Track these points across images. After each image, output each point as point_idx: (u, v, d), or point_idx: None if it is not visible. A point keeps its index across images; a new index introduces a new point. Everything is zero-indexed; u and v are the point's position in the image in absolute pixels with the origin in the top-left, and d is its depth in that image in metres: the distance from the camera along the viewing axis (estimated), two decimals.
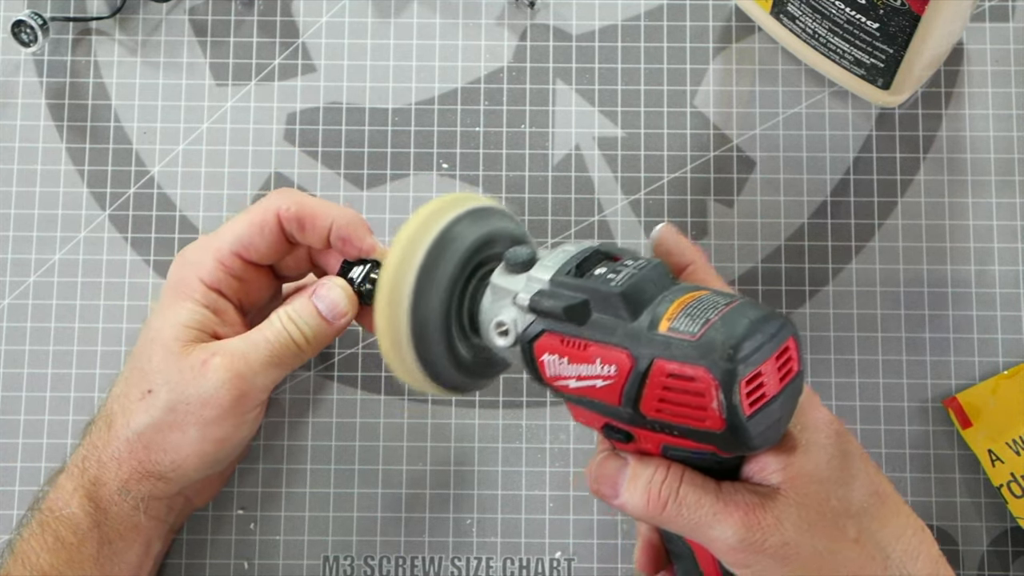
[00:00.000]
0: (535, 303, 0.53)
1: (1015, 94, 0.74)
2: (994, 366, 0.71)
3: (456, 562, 0.70)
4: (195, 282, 0.62)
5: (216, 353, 0.60)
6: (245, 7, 0.76)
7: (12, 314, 0.73)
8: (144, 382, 0.61)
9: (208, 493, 0.69)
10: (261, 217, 0.62)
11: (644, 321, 0.51)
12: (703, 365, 0.48)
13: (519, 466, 0.71)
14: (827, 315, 0.72)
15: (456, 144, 0.74)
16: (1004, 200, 0.73)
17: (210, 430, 0.60)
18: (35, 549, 0.61)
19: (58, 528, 0.61)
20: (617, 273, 0.52)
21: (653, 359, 0.50)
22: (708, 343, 0.48)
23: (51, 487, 0.62)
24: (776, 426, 0.51)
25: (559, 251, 0.55)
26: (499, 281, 0.56)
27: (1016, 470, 0.68)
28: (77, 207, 0.74)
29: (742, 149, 0.74)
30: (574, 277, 0.53)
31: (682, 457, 0.52)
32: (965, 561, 0.70)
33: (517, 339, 0.54)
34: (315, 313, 0.61)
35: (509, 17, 0.76)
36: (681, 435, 0.51)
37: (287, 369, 0.62)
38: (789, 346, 0.50)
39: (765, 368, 0.49)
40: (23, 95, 0.75)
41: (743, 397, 0.48)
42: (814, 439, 0.53)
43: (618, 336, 0.51)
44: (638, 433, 0.52)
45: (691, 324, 0.49)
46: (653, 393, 0.50)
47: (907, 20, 0.64)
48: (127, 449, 0.61)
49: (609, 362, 0.51)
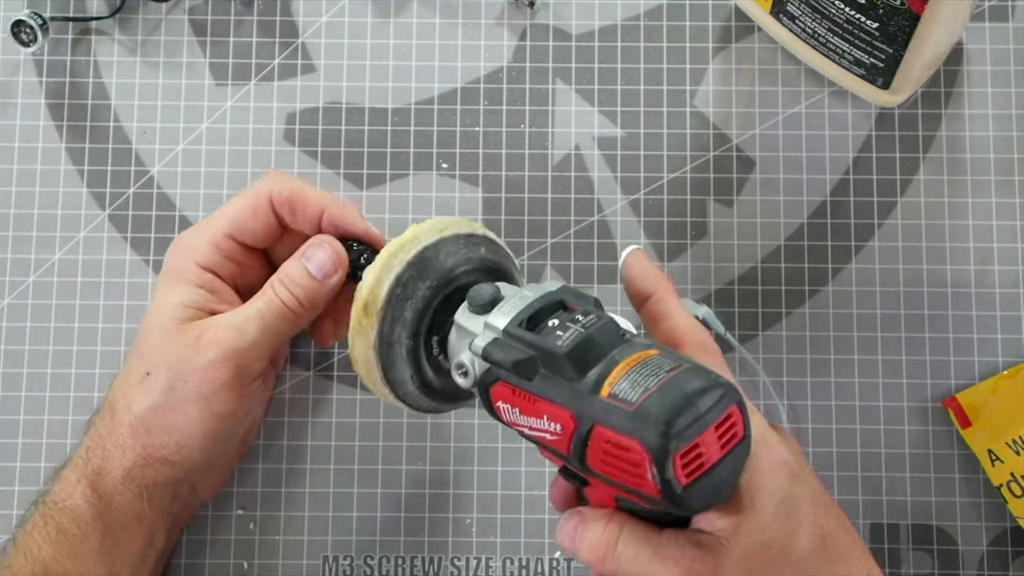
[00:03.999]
0: (487, 353, 0.54)
1: (1015, 94, 0.74)
2: (994, 366, 0.71)
3: (456, 562, 0.70)
4: (190, 265, 0.62)
5: (209, 328, 0.60)
6: (245, 7, 0.76)
7: (12, 314, 0.73)
8: (143, 366, 0.61)
9: (213, 485, 0.69)
10: (254, 200, 0.63)
11: (589, 381, 0.51)
12: (637, 438, 0.48)
13: (519, 466, 0.71)
14: (827, 315, 0.72)
15: (456, 144, 0.74)
16: (1004, 200, 0.73)
17: (211, 406, 0.60)
18: (37, 541, 0.61)
19: (61, 519, 0.61)
20: (566, 330, 0.52)
21: (593, 424, 0.50)
22: (643, 415, 0.48)
23: (54, 481, 0.62)
24: (719, 489, 0.51)
25: (519, 296, 0.55)
26: (462, 320, 0.56)
27: (1016, 470, 0.68)
28: (77, 207, 0.74)
29: (742, 149, 0.74)
30: (526, 330, 0.53)
31: (632, 508, 0.53)
32: (965, 561, 0.70)
33: (476, 382, 0.55)
34: (305, 274, 0.61)
35: (509, 17, 0.76)
36: (627, 491, 0.51)
37: (283, 336, 0.62)
38: (732, 413, 0.50)
39: (703, 439, 0.49)
40: (23, 95, 0.75)
41: (678, 470, 0.48)
42: (762, 484, 0.53)
43: (563, 396, 0.51)
44: (591, 480, 0.53)
45: (630, 391, 0.49)
46: (596, 455, 0.50)
47: (907, 20, 0.64)
48: (130, 434, 0.61)
49: (555, 420, 0.51)
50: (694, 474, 0.49)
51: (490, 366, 0.54)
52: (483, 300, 0.55)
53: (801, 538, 0.52)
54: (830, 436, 0.71)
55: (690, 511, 0.51)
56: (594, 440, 0.50)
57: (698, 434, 0.48)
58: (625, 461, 0.49)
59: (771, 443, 0.54)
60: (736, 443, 0.50)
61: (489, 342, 0.54)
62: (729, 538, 0.51)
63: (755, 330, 0.72)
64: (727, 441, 0.50)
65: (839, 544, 0.54)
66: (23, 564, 0.60)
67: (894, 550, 0.70)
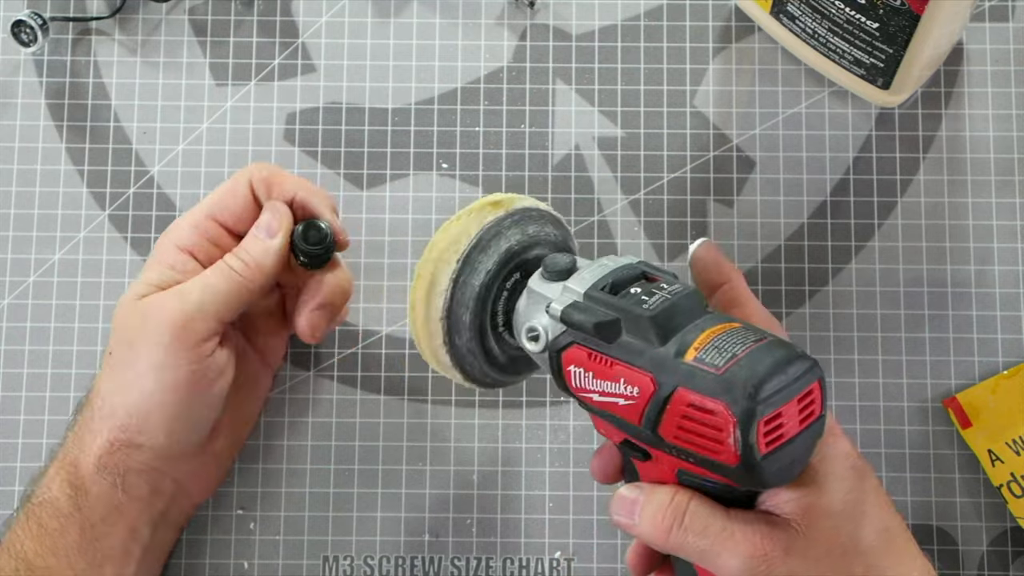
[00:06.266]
0: (567, 315, 0.53)
1: (1015, 94, 0.74)
2: (994, 366, 0.71)
3: (456, 562, 0.70)
4: (169, 247, 0.64)
5: (156, 296, 0.62)
6: (245, 7, 0.76)
7: (12, 314, 0.73)
8: (108, 347, 0.62)
9: (204, 484, 0.68)
10: (234, 182, 0.66)
11: (672, 348, 0.51)
12: (723, 400, 0.48)
13: (519, 466, 0.71)
14: (827, 315, 0.72)
15: (456, 144, 0.74)
16: (1004, 200, 0.73)
17: (163, 376, 0.61)
18: (20, 538, 0.61)
19: (41, 515, 0.61)
20: (651, 296, 0.52)
21: (676, 387, 0.50)
22: (731, 379, 0.48)
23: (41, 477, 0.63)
24: (792, 466, 0.51)
25: (598, 264, 0.55)
26: (536, 287, 0.56)
27: (1016, 470, 0.68)
28: (77, 207, 0.74)
29: (742, 149, 0.74)
30: (608, 294, 0.53)
31: (696, 484, 0.52)
32: (965, 561, 0.69)
33: (547, 346, 0.55)
34: (252, 237, 0.64)
35: (509, 17, 0.76)
36: (696, 463, 0.51)
37: (228, 297, 0.62)
38: (813, 389, 0.50)
39: (786, 409, 0.49)
40: (23, 95, 0.75)
41: (760, 436, 0.48)
42: (831, 471, 0.52)
43: (644, 359, 0.51)
44: (655, 453, 0.53)
45: (717, 357, 0.49)
46: (672, 420, 0.50)
47: (907, 20, 0.64)
48: (99, 418, 0.62)
49: (633, 383, 0.51)
50: (773, 444, 0.49)
51: (565, 329, 0.54)
52: (560, 267, 0.55)
53: (867, 529, 0.52)
54: None
55: (763, 483, 0.50)
56: (673, 404, 0.50)
57: (784, 403, 0.49)
58: (707, 425, 0.49)
59: (837, 434, 0.54)
60: (813, 420, 0.50)
61: (569, 304, 0.54)
62: (800, 520, 0.51)
63: None
64: (807, 416, 0.50)
65: (901, 540, 0.54)
66: (7, 561, 0.61)
67: None
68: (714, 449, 0.49)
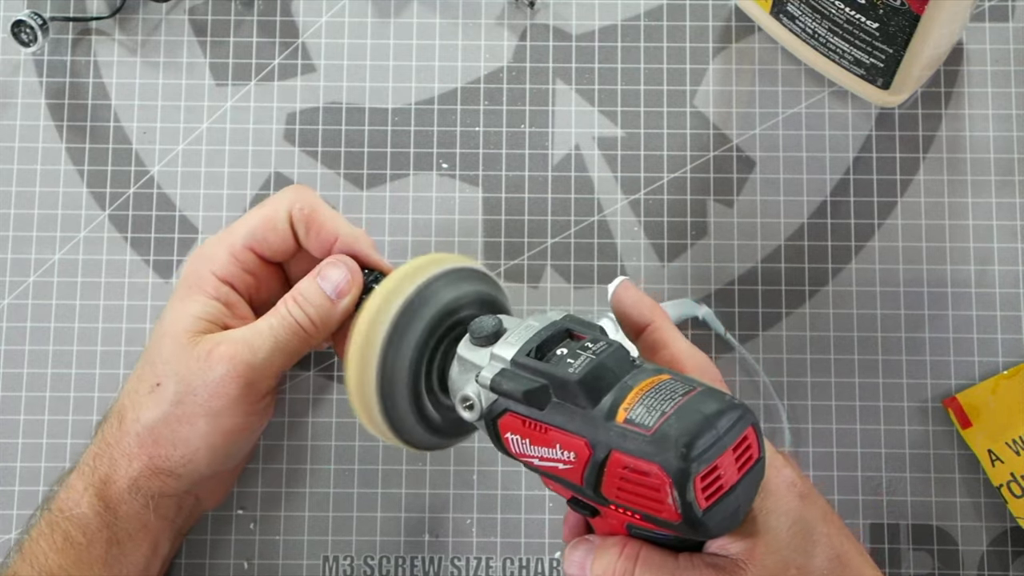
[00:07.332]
0: (496, 384, 0.53)
1: (1015, 94, 0.74)
2: (994, 366, 0.71)
3: (456, 562, 0.70)
4: (207, 275, 0.62)
5: (221, 342, 0.60)
6: (245, 7, 0.76)
7: (12, 314, 0.73)
8: (153, 375, 0.61)
9: (218, 494, 0.69)
10: (273, 213, 0.62)
11: (603, 408, 0.50)
12: (656, 462, 0.48)
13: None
14: (827, 315, 0.72)
15: (456, 144, 0.74)
16: (1004, 200, 0.73)
17: (219, 422, 0.60)
18: (44, 549, 0.61)
19: (68, 528, 0.61)
20: (576, 357, 0.52)
21: (610, 450, 0.49)
22: (661, 439, 0.48)
23: (61, 486, 0.62)
24: (736, 513, 0.51)
25: (524, 326, 0.55)
26: (465, 353, 0.56)
27: (1016, 470, 0.68)
28: (77, 207, 0.74)
29: (742, 149, 0.74)
30: (535, 359, 0.53)
31: (646, 535, 0.53)
32: (965, 561, 0.70)
33: (482, 414, 0.54)
34: (319, 293, 0.61)
35: (509, 17, 0.76)
36: (643, 519, 0.51)
37: (294, 355, 0.61)
38: (748, 435, 0.50)
39: (721, 461, 0.49)
40: (23, 95, 0.75)
41: (698, 492, 0.48)
42: (775, 507, 0.52)
43: (576, 423, 0.51)
44: (603, 510, 0.53)
45: (647, 416, 0.49)
46: (612, 481, 0.50)
47: (907, 20, 0.64)
48: (137, 444, 0.61)
49: (568, 448, 0.51)
50: (713, 497, 0.49)
51: (497, 398, 0.53)
52: (486, 331, 0.55)
53: (817, 558, 0.52)
54: (830, 436, 0.71)
55: (709, 535, 0.50)
56: (611, 467, 0.49)
57: (717, 456, 0.48)
58: (644, 486, 0.49)
59: (778, 466, 0.54)
60: (752, 465, 0.50)
61: (497, 373, 0.53)
62: (746, 560, 0.51)
63: (755, 330, 0.72)
64: (744, 463, 0.50)
65: (854, 563, 0.53)
66: (29, 572, 0.60)
67: (894, 550, 0.70)
68: (656, 508, 0.49)
